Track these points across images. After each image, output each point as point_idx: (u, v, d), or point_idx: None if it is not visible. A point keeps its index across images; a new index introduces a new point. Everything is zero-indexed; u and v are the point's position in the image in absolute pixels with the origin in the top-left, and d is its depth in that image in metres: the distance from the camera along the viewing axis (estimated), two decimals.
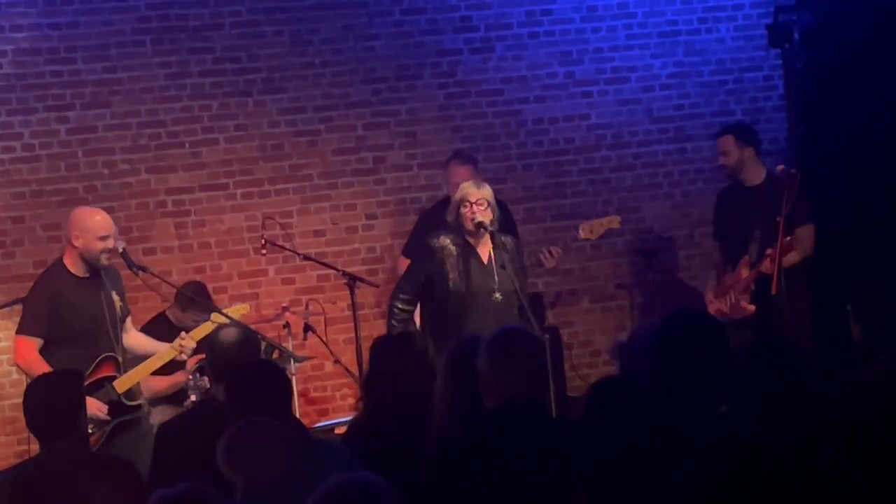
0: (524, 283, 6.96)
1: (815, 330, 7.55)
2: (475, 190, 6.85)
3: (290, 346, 7.66)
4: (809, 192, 7.50)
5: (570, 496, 3.82)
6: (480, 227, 6.79)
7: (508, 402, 4.32)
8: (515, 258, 6.91)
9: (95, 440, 6.41)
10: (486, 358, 4.40)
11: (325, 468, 3.90)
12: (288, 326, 7.77)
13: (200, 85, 8.38)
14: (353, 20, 8.59)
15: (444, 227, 6.99)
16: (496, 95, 8.82)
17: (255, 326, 6.67)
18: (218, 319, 6.55)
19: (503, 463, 4.15)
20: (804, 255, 7.54)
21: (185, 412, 6.13)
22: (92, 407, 6.10)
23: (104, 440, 6.49)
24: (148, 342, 6.88)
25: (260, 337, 6.24)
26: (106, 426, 6.51)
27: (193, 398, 6.51)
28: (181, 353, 6.65)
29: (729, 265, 7.76)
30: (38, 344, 6.52)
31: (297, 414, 6.74)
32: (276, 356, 6.78)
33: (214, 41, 8.39)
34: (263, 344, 6.45)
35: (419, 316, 7.18)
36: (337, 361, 7.78)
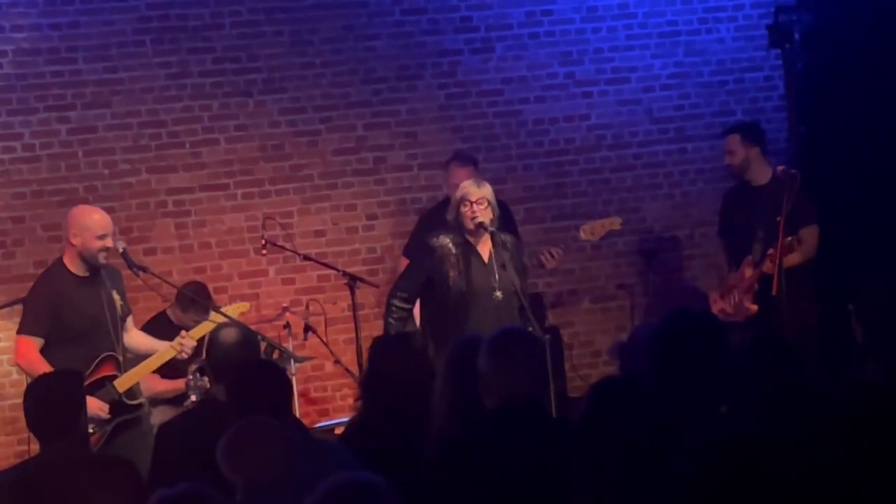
0: (524, 282, 6.95)
1: (817, 330, 7.54)
2: (475, 189, 6.84)
3: (290, 346, 7.65)
4: (812, 192, 7.50)
5: (570, 496, 3.82)
6: (480, 226, 6.78)
7: (509, 402, 4.32)
8: (516, 257, 6.90)
9: (96, 440, 6.41)
10: (486, 358, 4.40)
11: (325, 468, 3.90)
12: (288, 327, 7.77)
13: (201, 85, 8.38)
14: (353, 20, 8.59)
15: (444, 226, 6.98)
16: (496, 96, 8.82)
17: (255, 327, 6.67)
18: (217, 319, 6.55)
19: (503, 463, 4.15)
20: (806, 256, 7.53)
21: (185, 412, 6.12)
22: (93, 406, 6.10)
23: (105, 440, 6.49)
24: (148, 341, 6.88)
25: (260, 337, 6.24)
26: (107, 426, 6.51)
27: (193, 398, 6.51)
28: (181, 352, 6.65)
29: (734, 264, 7.75)
30: (38, 344, 6.51)
31: (297, 414, 6.74)
32: (276, 356, 6.78)
33: (215, 41, 8.39)
34: (264, 344, 6.45)
35: (419, 316, 7.18)
36: (337, 362, 7.78)
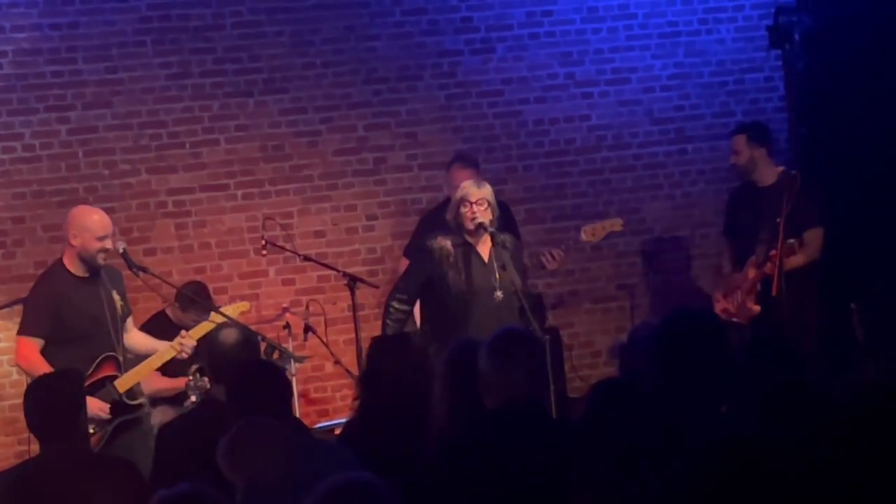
0: (525, 282, 6.95)
1: (817, 330, 7.53)
2: (475, 190, 6.83)
3: (290, 346, 7.65)
4: (816, 194, 7.50)
5: (570, 496, 3.82)
6: (480, 227, 6.78)
7: (509, 402, 4.32)
8: (516, 258, 6.90)
9: (97, 440, 6.40)
10: (486, 358, 4.40)
11: (325, 468, 3.90)
12: (288, 327, 7.78)
13: (201, 85, 8.39)
14: (354, 21, 8.59)
15: (443, 228, 6.98)
16: (497, 96, 8.82)
17: (255, 327, 6.67)
18: (217, 319, 6.55)
19: (503, 463, 4.15)
20: (810, 258, 7.50)
21: (185, 413, 6.13)
22: (93, 407, 6.10)
23: (105, 440, 6.48)
24: (148, 341, 6.87)
25: (260, 338, 6.24)
26: (107, 426, 6.50)
27: (194, 399, 6.52)
28: (181, 352, 6.64)
29: (738, 265, 7.74)
30: (39, 344, 6.51)
31: (297, 415, 6.74)
32: (276, 357, 6.78)
33: (215, 41, 8.39)
34: (264, 345, 6.45)
35: (419, 316, 7.18)
36: (337, 362, 7.78)
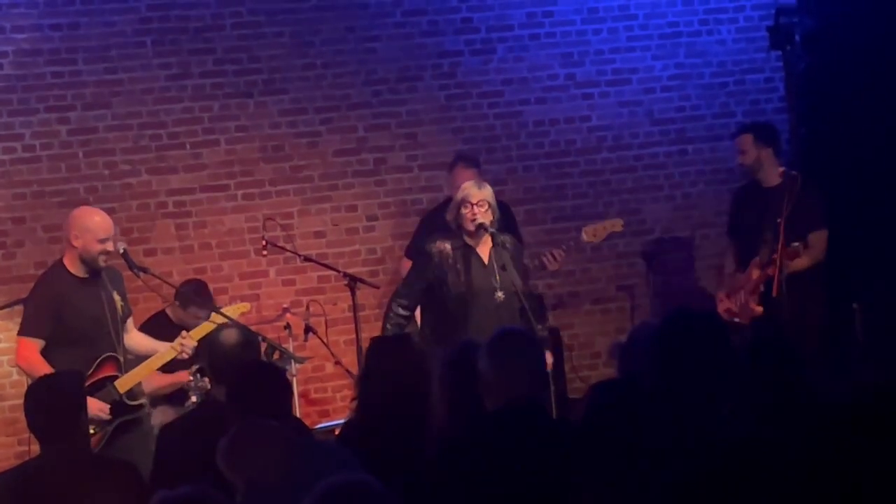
0: (526, 283, 6.95)
1: (818, 330, 7.53)
2: (476, 191, 6.83)
3: (290, 347, 7.65)
4: (820, 195, 7.49)
5: (570, 496, 3.82)
6: (481, 228, 6.77)
7: (509, 403, 4.32)
8: (516, 258, 6.89)
9: (97, 441, 6.40)
10: (486, 359, 4.40)
11: (325, 469, 3.90)
12: (289, 328, 7.78)
13: (201, 86, 8.39)
14: (354, 21, 8.59)
15: (444, 228, 6.98)
16: (497, 97, 8.82)
17: (255, 327, 6.66)
18: (217, 319, 6.55)
19: (503, 464, 4.15)
20: (815, 260, 7.48)
21: (186, 413, 6.13)
22: (93, 407, 6.10)
23: (106, 441, 6.48)
24: (149, 342, 6.87)
25: (261, 338, 6.24)
26: (108, 426, 6.50)
27: (194, 399, 6.52)
28: (182, 352, 6.64)
29: (742, 265, 7.73)
30: (39, 345, 6.50)
31: (297, 415, 6.74)
32: (276, 357, 6.78)
33: (215, 42, 8.39)
34: (264, 345, 6.45)
35: (420, 317, 7.18)
36: (338, 363, 7.78)
